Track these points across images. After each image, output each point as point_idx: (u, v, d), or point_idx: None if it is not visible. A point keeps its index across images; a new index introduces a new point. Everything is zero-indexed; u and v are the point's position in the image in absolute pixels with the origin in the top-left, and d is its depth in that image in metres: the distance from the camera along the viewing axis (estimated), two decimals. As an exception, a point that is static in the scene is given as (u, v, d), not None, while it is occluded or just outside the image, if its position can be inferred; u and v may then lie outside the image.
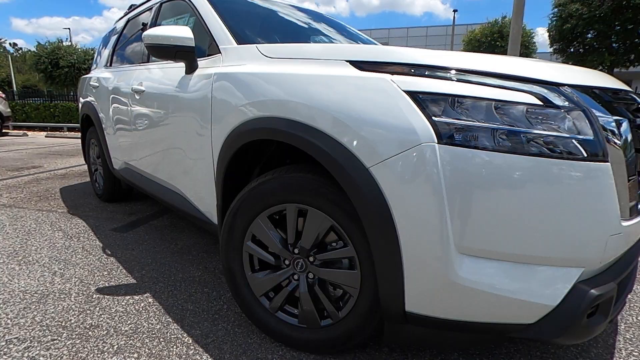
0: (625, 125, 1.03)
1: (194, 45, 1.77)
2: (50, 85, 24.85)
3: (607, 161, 0.97)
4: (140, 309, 1.72)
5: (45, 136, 11.21)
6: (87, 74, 3.85)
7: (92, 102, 3.27)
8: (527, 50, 21.28)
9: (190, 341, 1.50)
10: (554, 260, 0.99)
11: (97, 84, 3.19)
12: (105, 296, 1.84)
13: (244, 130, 1.43)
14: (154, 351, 1.43)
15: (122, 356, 1.40)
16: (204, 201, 1.86)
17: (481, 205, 0.96)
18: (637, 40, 12.59)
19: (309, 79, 1.22)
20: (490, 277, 1.00)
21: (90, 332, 1.54)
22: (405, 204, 1.01)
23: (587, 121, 0.97)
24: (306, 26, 2.55)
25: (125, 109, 2.60)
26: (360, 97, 1.09)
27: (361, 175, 1.06)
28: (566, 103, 0.98)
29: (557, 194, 0.95)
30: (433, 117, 0.98)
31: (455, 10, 25.99)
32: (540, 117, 0.96)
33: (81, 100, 3.66)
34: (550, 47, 15.28)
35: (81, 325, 1.59)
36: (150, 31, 1.77)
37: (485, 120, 0.96)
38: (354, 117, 1.09)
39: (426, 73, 1.04)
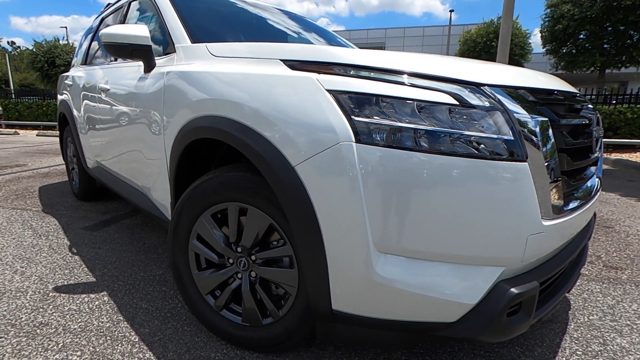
0: (546, 125, 1.03)
1: (150, 44, 1.78)
2: (46, 84, 24.81)
3: (525, 161, 0.98)
4: (94, 308, 1.73)
5: (37, 135, 11.19)
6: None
7: (67, 101, 3.27)
8: (522, 50, 21.28)
9: (137, 339, 1.50)
10: (473, 259, 1.00)
11: (71, 83, 3.19)
12: (62, 294, 1.84)
13: (188, 129, 1.43)
14: (98, 349, 1.44)
15: (65, 354, 1.40)
16: (162, 200, 1.86)
17: (399, 205, 0.97)
18: (628, 41, 12.64)
19: (242, 78, 1.23)
20: (410, 276, 1.00)
21: (38, 330, 1.54)
22: (326, 202, 1.02)
23: (505, 121, 0.98)
24: (279, 26, 2.55)
25: (94, 108, 2.60)
26: (288, 95, 1.10)
27: (287, 174, 1.07)
28: (484, 103, 0.98)
29: (475, 193, 0.96)
30: (352, 117, 0.98)
31: (451, 11, 26.00)
32: (457, 117, 0.97)
33: (59, 98, 3.66)
34: (542, 48, 15.31)
35: (31, 324, 1.59)
36: (107, 30, 1.77)
37: (403, 120, 0.96)
38: (282, 115, 1.09)
39: (351, 72, 1.05)
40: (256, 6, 2.59)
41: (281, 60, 1.19)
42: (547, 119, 1.04)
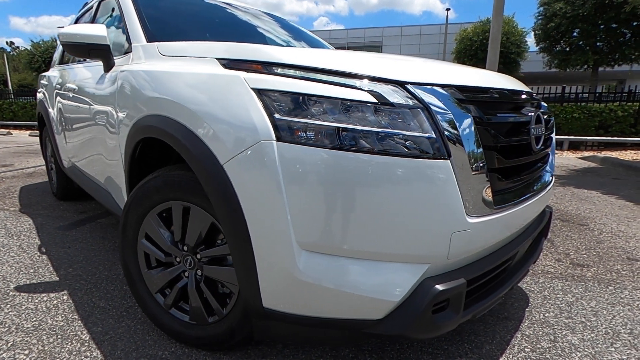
0: (471, 123, 1.04)
1: (107, 43, 1.78)
2: (43, 84, 24.76)
3: (447, 159, 0.98)
4: (51, 307, 1.73)
5: (29, 135, 11.19)
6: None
7: (44, 101, 3.28)
8: (518, 49, 21.22)
9: (88, 338, 1.50)
10: (397, 256, 1.00)
11: (46, 83, 3.19)
12: (21, 294, 1.84)
13: (135, 128, 1.44)
14: (46, 348, 1.44)
15: (13, 352, 1.41)
16: (123, 198, 1.87)
17: (320, 203, 0.97)
18: (621, 39, 12.62)
19: (178, 77, 1.23)
20: (333, 273, 1.01)
21: (-10, 329, 1.55)
22: (251, 200, 1.02)
23: (426, 119, 0.98)
24: (252, 26, 2.55)
25: (65, 108, 2.60)
26: (218, 94, 1.10)
27: (216, 172, 1.07)
28: (405, 101, 0.98)
29: (397, 190, 0.96)
30: (274, 115, 0.99)
31: (448, 9, 25.96)
32: (377, 115, 0.97)
33: (37, 98, 3.67)
34: (536, 46, 15.29)
35: (-16, 323, 1.59)
36: (65, 29, 1.78)
37: (322, 118, 0.97)
38: (212, 113, 1.09)
39: (277, 71, 1.05)
40: (232, 6, 2.58)
41: (217, 58, 1.19)
42: (471, 116, 1.05)
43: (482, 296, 1.19)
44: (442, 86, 1.06)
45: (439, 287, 1.01)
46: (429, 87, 1.03)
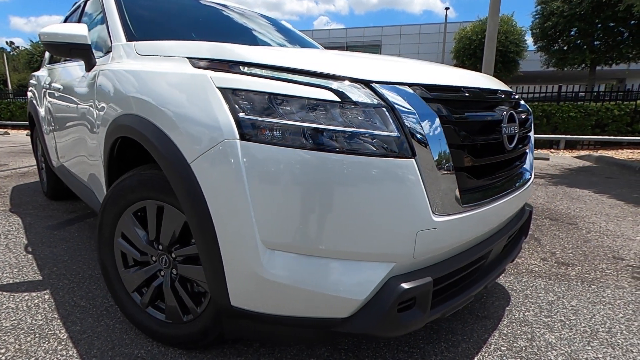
0: (437, 122, 1.04)
1: (88, 42, 1.78)
2: (41, 84, 24.75)
3: (412, 157, 0.98)
4: (31, 306, 1.73)
5: (26, 135, 11.20)
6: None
7: (33, 101, 3.28)
8: (517, 48, 21.20)
9: (65, 337, 1.51)
10: (361, 255, 1.00)
11: (35, 82, 3.20)
12: (3, 293, 1.85)
13: (111, 128, 1.44)
14: (23, 347, 1.44)
15: (-11, 352, 1.41)
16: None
17: (283, 202, 0.97)
18: (618, 38, 12.61)
19: (149, 76, 1.24)
20: (298, 272, 1.01)
21: (-32, 329, 1.55)
22: (217, 199, 1.03)
23: (390, 118, 0.98)
24: (242, 26, 2.56)
25: (52, 108, 2.60)
26: (185, 93, 1.10)
27: (183, 171, 1.07)
28: (369, 100, 0.99)
29: (361, 189, 0.96)
30: (238, 114, 0.99)
31: (447, 8, 25.96)
32: (340, 114, 0.97)
33: (28, 97, 3.67)
34: (534, 45, 15.28)
35: (-37, 322, 1.60)
36: (46, 29, 1.78)
37: (285, 117, 0.97)
38: (180, 112, 1.10)
39: (244, 70, 1.05)
40: (221, 5, 2.58)
41: (187, 58, 1.20)
42: (438, 115, 1.05)
43: (452, 295, 1.19)
44: (409, 85, 1.06)
45: (405, 285, 1.01)
46: (394, 86, 1.03)
